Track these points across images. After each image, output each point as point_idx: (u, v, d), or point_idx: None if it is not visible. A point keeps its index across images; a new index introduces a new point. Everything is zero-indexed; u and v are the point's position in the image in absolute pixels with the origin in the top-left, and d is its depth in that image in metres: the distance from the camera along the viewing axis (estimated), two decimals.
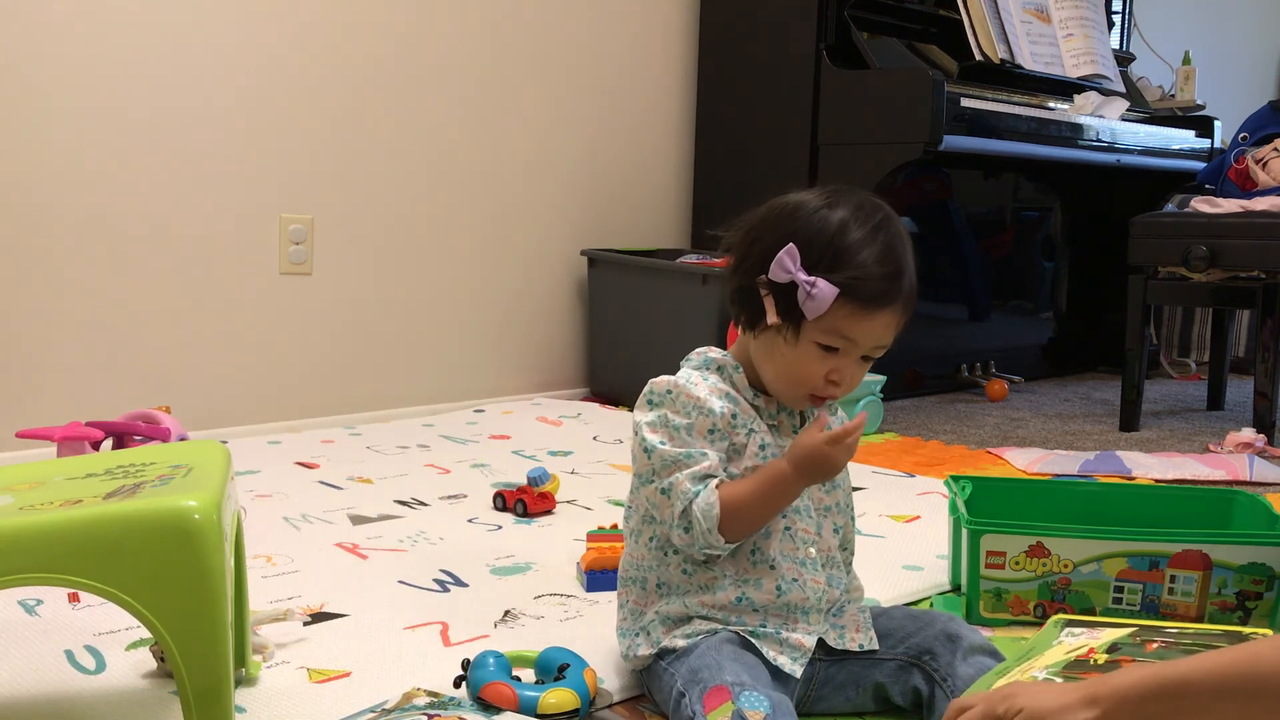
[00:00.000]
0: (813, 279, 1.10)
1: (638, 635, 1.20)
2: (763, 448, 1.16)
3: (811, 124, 2.98)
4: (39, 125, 2.26)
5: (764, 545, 1.16)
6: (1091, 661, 0.98)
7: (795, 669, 1.14)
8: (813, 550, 1.18)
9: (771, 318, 1.13)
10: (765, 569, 1.16)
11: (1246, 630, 0.95)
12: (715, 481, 1.11)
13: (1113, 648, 0.99)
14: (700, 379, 1.17)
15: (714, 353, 1.21)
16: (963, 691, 1.08)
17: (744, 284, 1.17)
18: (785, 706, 1.05)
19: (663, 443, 1.13)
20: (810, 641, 1.16)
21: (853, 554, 1.27)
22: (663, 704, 1.16)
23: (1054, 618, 1.08)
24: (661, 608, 1.18)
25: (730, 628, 1.15)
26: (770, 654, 1.14)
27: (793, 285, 1.11)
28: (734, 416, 1.15)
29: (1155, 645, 0.97)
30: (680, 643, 1.16)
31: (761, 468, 1.13)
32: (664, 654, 1.17)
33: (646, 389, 1.17)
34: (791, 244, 1.11)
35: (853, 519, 1.26)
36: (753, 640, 1.15)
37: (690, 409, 1.14)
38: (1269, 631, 0.95)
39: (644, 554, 1.20)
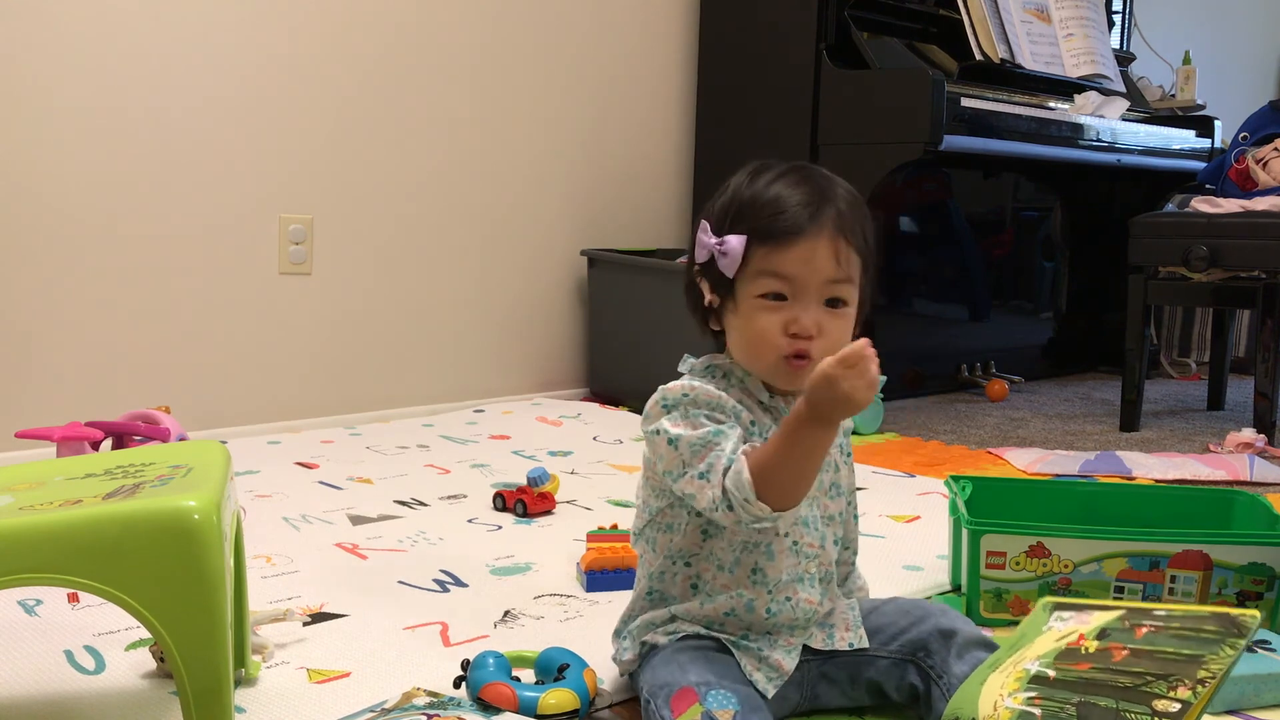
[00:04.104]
0: (721, 238, 1.10)
1: (625, 639, 1.20)
2: None
3: (811, 124, 2.98)
4: (38, 125, 2.26)
5: (766, 566, 1.13)
6: (1082, 650, 0.97)
7: (769, 689, 1.12)
8: (813, 566, 1.16)
9: (708, 296, 1.13)
10: (762, 590, 1.13)
11: (1235, 612, 0.94)
12: (742, 449, 1.06)
13: (1102, 633, 0.98)
14: (709, 385, 1.13)
15: (718, 359, 1.17)
16: (957, 688, 1.07)
17: (687, 283, 1.17)
18: (754, 702, 1.04)
19: (685, 431, 1.08)
20: (790, 663, 1.14)
21: (856, 553, 1.26)
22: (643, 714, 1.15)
23: (1042, 600, 1.07)
24: (650, 614, 1.17)
25: (711, 633, 1.14)
26: (748, 669, 1.12)
27: (714, 258, 1.11)
28: (752, 424, 1.12)
29: (1145, 630, 0.96)
30: (661, 639, 1.14)
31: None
32: (647, 656, 1.15)
33: (658, 396, 1.12)
34: (703, 220, 1.13)
35: (855, 517, 1.25)
36: (732, 650, 1.13)
37: (712, 405, 1.10)
38: (1256, 613, 0.95)
39: (653, 559, 1.18)
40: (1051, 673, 0.97)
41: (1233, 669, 0.90)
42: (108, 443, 1.87)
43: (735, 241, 1.09)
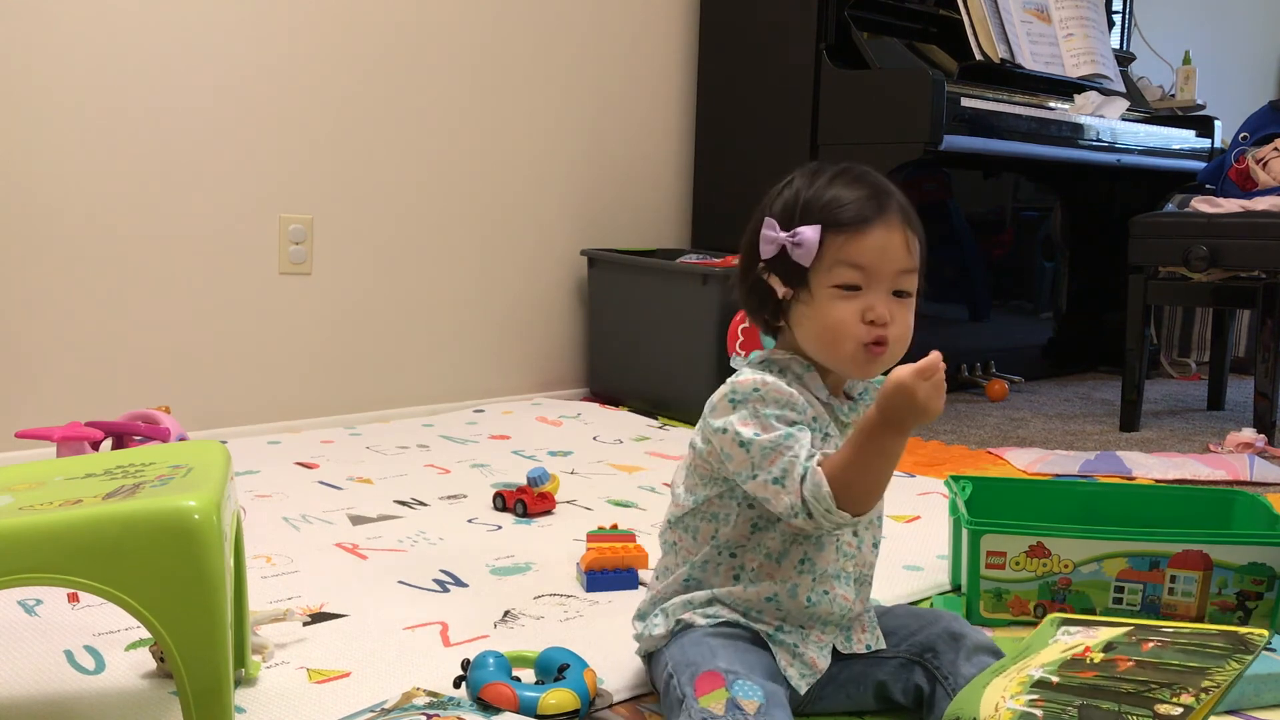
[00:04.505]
0: (793, 230, 1.12)
1: (656, 615, 1.19)
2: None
3: (811, 124, 2.98)
4: (38, 125, 2.25)
5: (815, 556, 1.14)
6: (1088, 660, 0.98)
7: (802, 685, 1.14)
8: (850, 566, 1.17)
9: (781, 290, 1.13)
10: (808, 577, 1.14)
11: (1244, 630, 0.95)
12: (816, 459, 1.07)
13: (1109, 646, 0.98)
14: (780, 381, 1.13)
15: (777, 354, 1.17)
16: (962, 690, 1.08)
17: (751, 282, 1.17)
18: (779, 698, 1.04)
19: (757, 434, 1.08)
20: (824, 662, 1.15)
21: None
22: (660, 691, 1.15)
23: (1050, 616, 1.08)
24: (690, 594, 1.18)
25: (750, 621, 1.15)
26: (782, 663, 1.13)
27: (785, 251, 1.12)
28: (814, 419, 1.13)
29: (1151, 644, 0.97)
30: (699, 620, 1.15)
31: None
32: (678, 634, 1.16)
33: (727, 390, 1.13)
34: (767, 218, 1.14)
35: None
36: (769, 643, 1.14)
37: (782, 404, 1.10)
38: (1265, 632, 0.95)
39: (693, 547, 1.18)
40: (1055, 679, 0.97)
41: (1238, 681, 0.90)
42: (108, 443, 1.87)
43: (810, 232, 1.11)
